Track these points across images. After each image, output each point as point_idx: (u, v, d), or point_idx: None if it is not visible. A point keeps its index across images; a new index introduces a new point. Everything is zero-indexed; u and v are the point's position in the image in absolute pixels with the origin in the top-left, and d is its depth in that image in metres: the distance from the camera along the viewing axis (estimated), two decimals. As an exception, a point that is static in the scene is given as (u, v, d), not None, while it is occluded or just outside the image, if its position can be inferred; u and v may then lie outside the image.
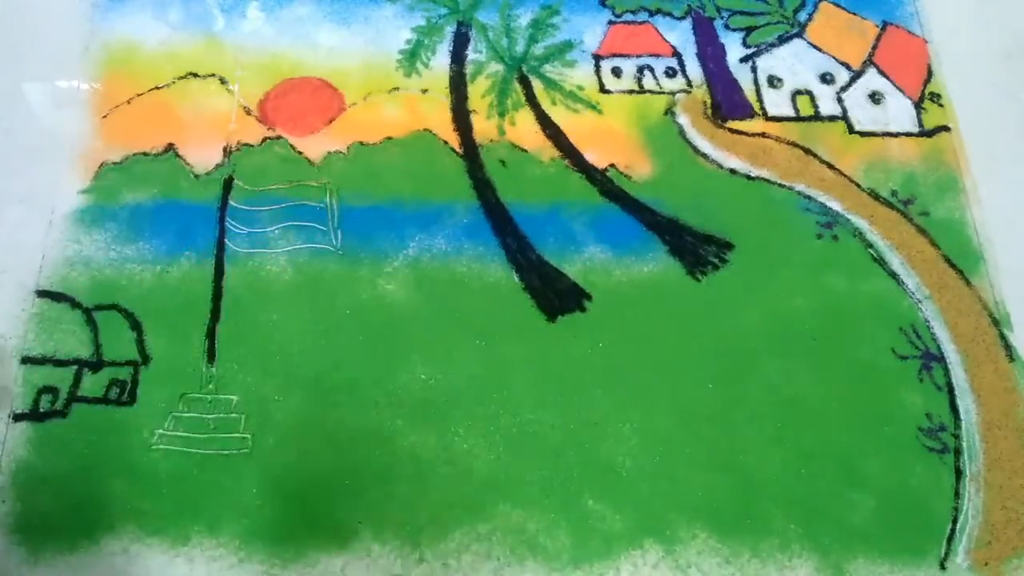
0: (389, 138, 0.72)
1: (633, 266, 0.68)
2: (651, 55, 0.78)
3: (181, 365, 0.62)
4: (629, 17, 0.80)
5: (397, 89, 0.75)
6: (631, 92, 0.76)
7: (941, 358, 0.66)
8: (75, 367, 0.62)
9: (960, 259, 0.70)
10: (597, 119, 0.75)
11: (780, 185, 0.72)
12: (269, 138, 0.72)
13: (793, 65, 0.78)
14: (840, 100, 0.77)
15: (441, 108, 0.74)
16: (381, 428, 0.61)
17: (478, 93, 0.75)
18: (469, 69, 0.76)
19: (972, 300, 0.68)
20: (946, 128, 0.76)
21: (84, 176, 0.69)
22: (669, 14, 0.80)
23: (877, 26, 0.81)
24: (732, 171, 0.73)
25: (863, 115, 0.76)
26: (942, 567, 0.59)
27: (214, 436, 0.60)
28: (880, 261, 0.70)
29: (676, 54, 0.78)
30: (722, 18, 0.80)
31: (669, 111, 0.75)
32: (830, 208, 0.71)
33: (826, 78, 0.78)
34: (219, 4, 0.78)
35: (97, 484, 0.58)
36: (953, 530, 0.60)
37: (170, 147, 0.71)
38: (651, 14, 0.80)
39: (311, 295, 0.66)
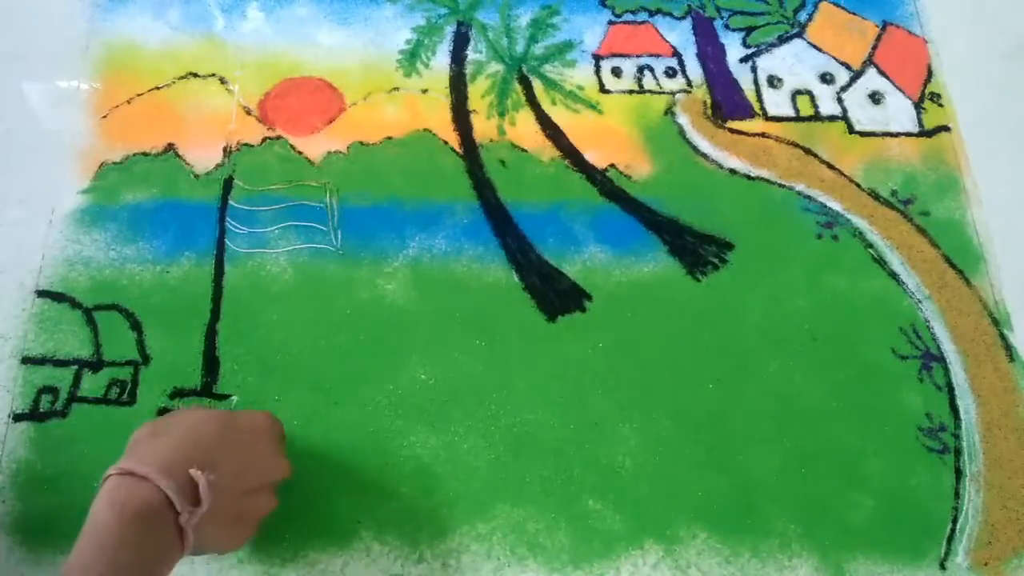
0: (389, 138, 0.72)
1: (633, 266, 0.68)
2: (651, 55, 0.78)
3: (181, 365, 0.62)
4: (629, 17, 0.80)
5: (397, 89, 0.75)
6: (631, 92, 0.76)
7: (941, 358, 0.66)
8: (75, 367, 0.62)
9: (960, 259, 0.70)
10: (597, 119, 0.75)
11: (780, 185, 0.72)
12: (269, 138, 0.72)
13: (793, 65, 0.78)
14: (840, 100, 0.77)
15: (441, 108, 0.74)
16: (381, 428, 0.61)
17: (478, 93, 0.75)
18: (469, 69, 0.76)
19: (972, 300, 0.68)
20: (946, 128, 0.76)
21: (84, 176, 0.69)
22: (669, 14, 0.80)
23: (877, 26, 0.81)
24: (732, 171, 0.73)
25: (863, 115, 0.76)
26: (942, 567, 0.59)
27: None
28: (880, 261, 0.70)
29: (676, 54, 0.78)
30: (722, 18, 0.80)
31: (669, 111, 0.75)
32: (830, 208, 0.72)
33: (826, 78, 0.78)
34: (219, 4, 0.78)
35: (97, 484, 0.58)
36: (953, 530, 0.60)
37: (170, 147, 0.71)
38: (651, 14, 0.80)
39: (311, 295, 0.66)
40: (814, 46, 0.79)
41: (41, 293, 0.65)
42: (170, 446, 0.46)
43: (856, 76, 0.78)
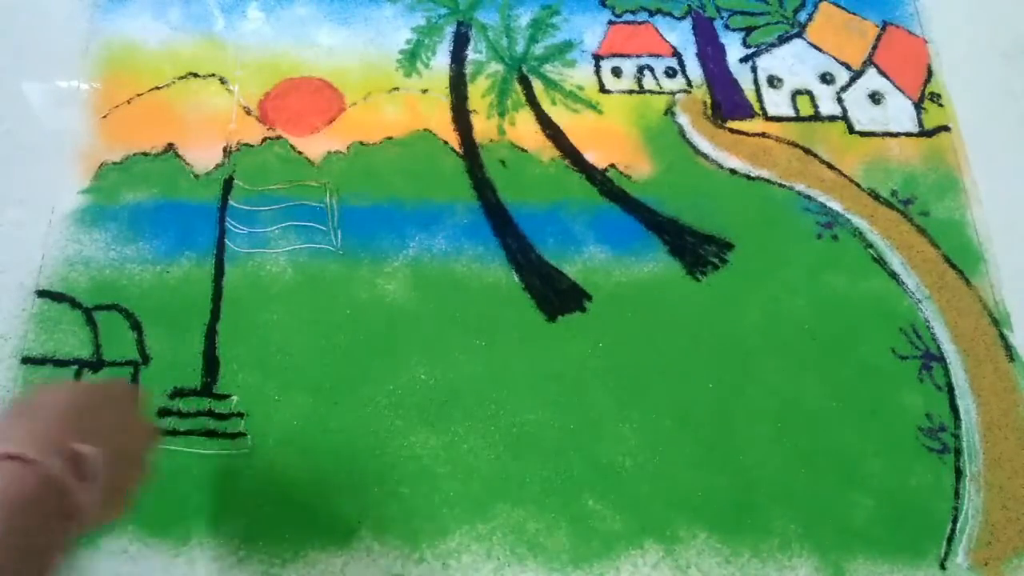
0: (389, 138, 0.72)
1: (633, 266, 0.68)
2: (651, 55, 0.78)
3: (181, 365, 0.62)
4: (629, 17, 0.80)
5: (397, 89, 0.75)
6: (631, 92, 0.76)
7: (941, 358, 0.66)
8: (75, 367, 0.62)
9: (960, 259, 0.70)
10: (597, 119, 0.75)
11: (780, 185, 0.72)
12: (269, 138, 0.72)
13: (793, 65, 0.78)
14: (840, 100, 0.77)
15: (441, 108, 0.74)
16: (381, 428, 0.61)
17: (478, 93, 0.75)
18: (469, 69, 0.76)
19: (972, 300, 0.68)
20: (946, 128, 0.76)
21: (84, 176, 0.69)
22: (669, 14, 0.80)
23: (877, 26, 0.81)
24: (732, 171, 0.73)
25: (863, 115, 0.76)
26: (942, 567, 0.59)
27: (214, 436, 0.60)
28: (880, 261, 0.70)
29: (676, 54, 0.78)
30: (722, 18, 0.80)
31: (669, 111, 0.75)
32: (830, 208, 0.71)
33: (826, 78, 0.78)
34: (219, 4, 0.78)
35: None
36: (953, 530, 0.60)
37: (170, 147, 0.71)
38: (651, 14, 0.80)
39: (311, 295, 0.66)
40: (814, 46, 0.79)
41: (41, 293, 0.65)
42: (42, 425, 0.44)
43: (856, 76, 0.78)
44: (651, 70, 0.77)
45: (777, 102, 0.76)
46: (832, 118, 0.76)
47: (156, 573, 0.56)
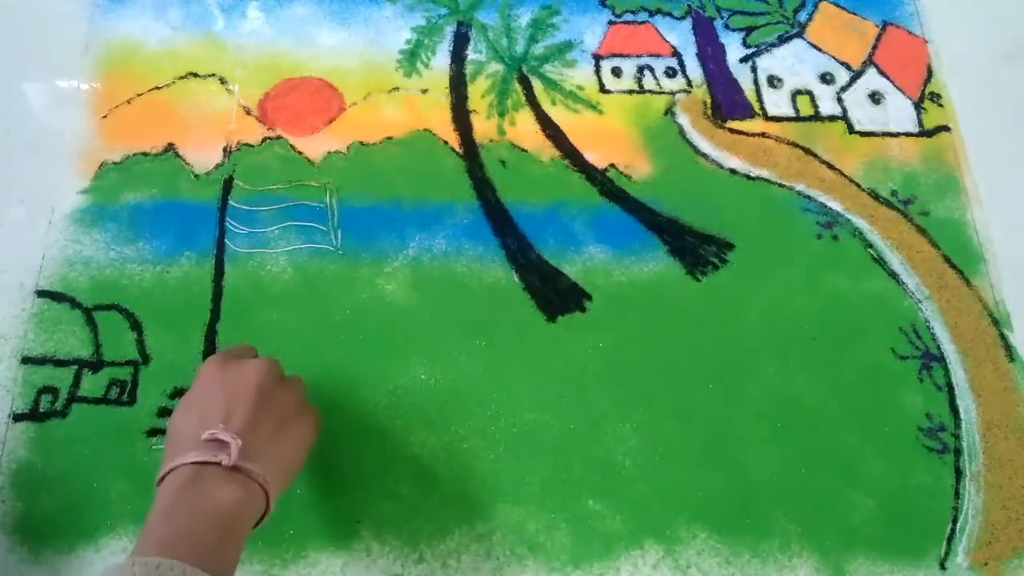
0: (389, 138, 0.72)
1: (633, 266, 0.68)
2: (651, 55, 0.78)
3: (181, 365, 0.62)
4: (629, 17, 0.80)
5: (397, 89, 0.75)
6: (631, 92, 0.76)
7: (941, 358, 0.66)
8: (75, 367, 0.62)
9: (960, 259, 0.70)
10: (597, 119, 0.75)
11: (780, 185, 0.72)
12: (269, 138, 0.72)
13: (793, 65, 0.78)
14: (840, 100, 0.77)
15: (441, 108, 0.74)
16: (381, 428, 0.61)
17: (478, 93, 0.75)
18: (469, 69, 0.76)
19: (972, 300, 0.68)
20: (946, 128, 0.76)
21: (84, 176, 0.69)
22: (669, 14, 0.80)
23: (877, 26, 0.81)
24: (732, 171, 0.73)
25: (863, 115, 0.76)
26: (942, 567, 0.59)
27: (214, 436, 0.60)
28: (880, 261, 0.70)
29: (676, 54, 0.78)
30: (722, 18, 0.80)
31: (669, 111, 0.75)
32: (830, 208, 0.72)
33: (826, 78, 0.78)
34: (219, 4, 0.78)
35: (97, 484, 0.58)
36: (953, 530, 0.60)
37: (170, 147, 0.71)
38: (651, 14, 0.80)
39: (311, 295, 0.66)
40: (814, 46, 0.79)
41: (41, 293, 0.64)
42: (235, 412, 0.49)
43: (856, 76, 0.78)
44: (651, 70, 0.77)
45: (777, 102, 0.76)
46: (832, 118, 0.76)
47: (156, 573, 0.56)
